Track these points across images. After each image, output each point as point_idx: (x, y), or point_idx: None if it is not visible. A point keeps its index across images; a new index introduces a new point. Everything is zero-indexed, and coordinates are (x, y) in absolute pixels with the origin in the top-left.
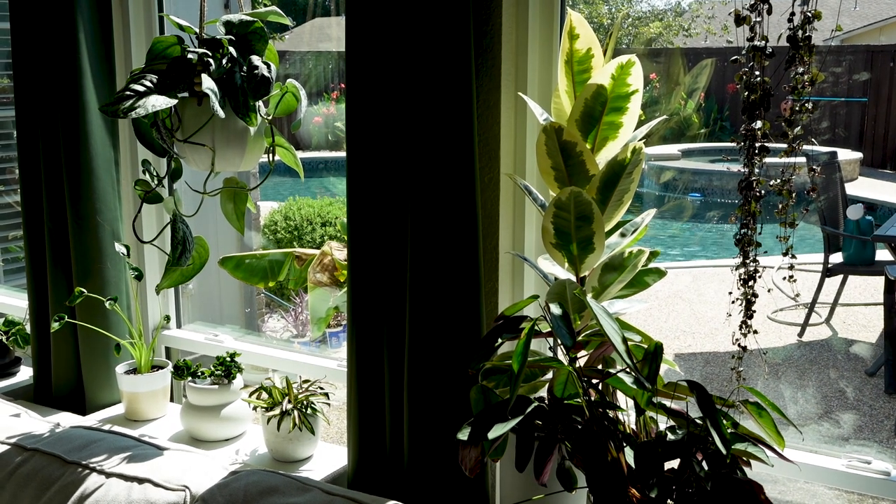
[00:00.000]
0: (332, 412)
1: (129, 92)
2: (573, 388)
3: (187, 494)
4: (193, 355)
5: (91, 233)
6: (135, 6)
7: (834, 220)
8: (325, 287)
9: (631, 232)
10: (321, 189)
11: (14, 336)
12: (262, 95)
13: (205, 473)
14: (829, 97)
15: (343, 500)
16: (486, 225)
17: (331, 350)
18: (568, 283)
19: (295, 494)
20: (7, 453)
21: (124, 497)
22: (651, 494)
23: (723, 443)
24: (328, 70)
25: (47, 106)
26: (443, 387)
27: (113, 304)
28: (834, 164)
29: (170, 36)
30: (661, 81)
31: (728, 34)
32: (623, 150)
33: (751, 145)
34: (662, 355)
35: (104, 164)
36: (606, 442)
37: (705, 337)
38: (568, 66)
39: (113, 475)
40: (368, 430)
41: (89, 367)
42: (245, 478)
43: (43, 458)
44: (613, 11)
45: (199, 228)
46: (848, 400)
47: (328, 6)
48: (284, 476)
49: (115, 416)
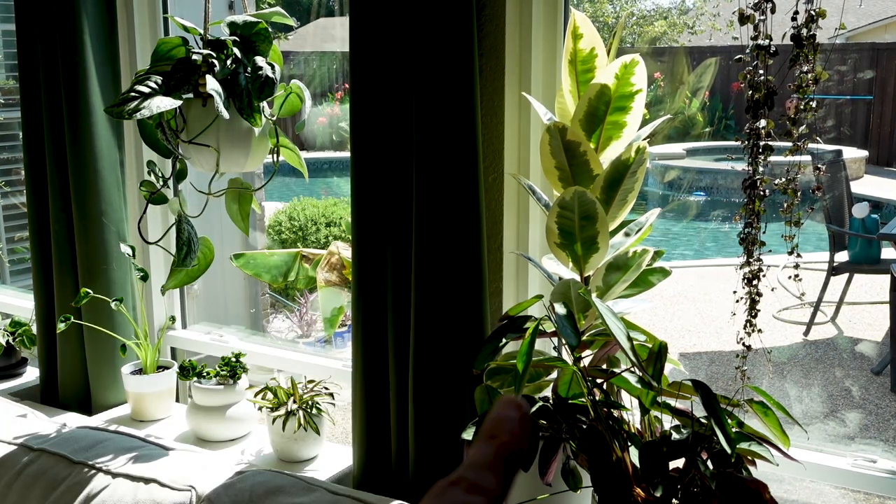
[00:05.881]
0: (337, 412)
1: (134, 93)
2: (578, 387)
3: (193, 494)
4: (199, 356)
5: (96, 234)
6: (139, 8)
7: (839, 218)
8: (334, 286)
9: (635, 231)
10: (326, 188)
11: (20, 337)
12: (267, 96)
13: (211, 473)
14: (833, 95)
15: (348, 500)
16: (490, 225)
17: (336, 350)
18: (572, 283)
19: (300, 494)
20: (14, 453)
21: (130, 497)
22: (656, 494)
23: (728, 442)
24: (332, 70)
25: (53, 107)
26: (447, 387)
27: (119, 305)
28: (839, 163)
29: (174, 37)
30: (665, 80)
31: (733, 31)
32: (627, 150)
33: (755, 144)
34: (667, 354)
35: (109, 166)
36: (611, 441)
37: (710, 336)
38: (572, 65)
39: (119, 475)
40: (373, 431)
41: (95, 368)
42: (251, 478)
43: (49, 458)
44: (618, 10)
45: (204, 229)
46: (853, 399)
47: (332, 7)
48: (290, 476)
49: (121, 416)
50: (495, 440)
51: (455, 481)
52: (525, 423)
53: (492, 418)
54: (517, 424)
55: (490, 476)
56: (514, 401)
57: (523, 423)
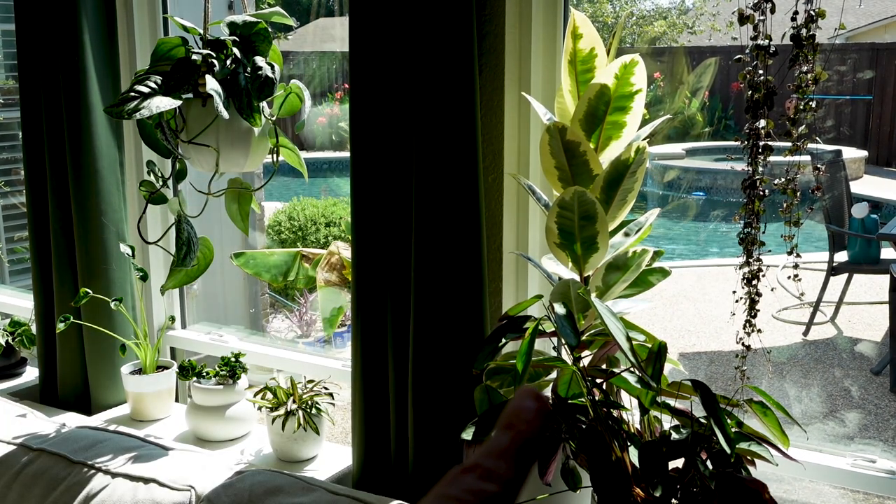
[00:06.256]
0: (336, 412)
1: (134, 93)
2: (577, 387)
3: (192, 494)
4: (198, 356)
5: (96, 234)
6: (139, 7)
7: (839, 218)
8: (333, 286)
9: (635, 231)
10: (326, 188)
11: (20, 337)
12: (266, 96)
13: (210, 473)
14: (833, 95)
15: (348, 499)
16: (489, 225)
17: (335, 350)
18: (572, 283)
19: (300, 494)
20: (13, 453)
21: (130, 497)
22: (655, 494)
23: (727, 442)
24: (332, 70)
25: (52, 107)
26: (447, 386)
27: (118, 305)
28: (839, 163)
29: (174, 37)
30: (664, 80)
31: (732, 31)
32: (627, 150)
33: (755, 144)
34: (666, 354)
35: (109, 165)
36: (611, 441)
37: (710, 336)
38: (571, 65)
39: (118, 475)
40: (373, 430)
41: (95, 368)
42: (250, 478)
43: (49, 458)
44: (617, 10)
45: (203, 229)
46: (853, 399)
47: (332, 6)
48: (289, 476)
49: (120, 416)
50: (512, 429)
51: (469, 468)
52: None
53: (510, 408)
54: (534, 415)
55: (504, 464)
56: (534, 391)
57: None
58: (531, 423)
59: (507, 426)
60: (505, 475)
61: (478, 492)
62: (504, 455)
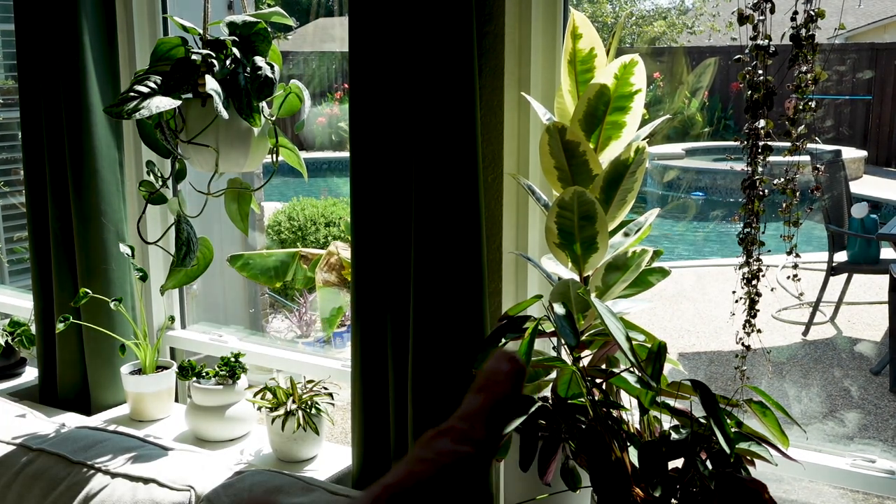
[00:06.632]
0: (336, 412)
1: (134, 93)
2: (577, 387)
3: (192, 494)
4: (198, 356)
5: (96, 234)
6: (139, 7)
7: (838, 218)
8: (333, 286)
9: (634, 231)
10: (325, 189)
11: (19, 337)
12: (266, 96)
13: (210, 473)
14: (832, 95)
15: (347, 500)
16: (489, 225)
17: (335, 350)
18: (571, 283)
19: (299, 494)
20: (13, 453)
21: (129, 497)
22: (655, 494)
23: (726, 442)
24: (332, 70)
25: (52, 107)
26: (446, 387)
27: (118, 305)
28: (838, 163)
29: (174, 37)
30: (664, 80)
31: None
32: (626, 150)
33: (754, 144)
34: (666, 354)
35: (108, 166)
36: (610, 441)
37: (709, 336)
38: (571, 65)
39: (118, 475)
40: (372, 430)
41: (94, 368)
42: (250, 478)
43: (48, 458)
44: (617, 10)
45: (203, 229)
46: (852, 399)
47: (331, 7)
48: (289, 476)
49: (120, 416)
50: (485, 391)
51: (443, 431)
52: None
53: (484, 371)
54: (507, 376)
55: (479, 426)
56: (508, 354)
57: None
58: (503, 385)
59: (480, 388)
60: (478, 437)
61: (451, 453)
62: (477, 417)
